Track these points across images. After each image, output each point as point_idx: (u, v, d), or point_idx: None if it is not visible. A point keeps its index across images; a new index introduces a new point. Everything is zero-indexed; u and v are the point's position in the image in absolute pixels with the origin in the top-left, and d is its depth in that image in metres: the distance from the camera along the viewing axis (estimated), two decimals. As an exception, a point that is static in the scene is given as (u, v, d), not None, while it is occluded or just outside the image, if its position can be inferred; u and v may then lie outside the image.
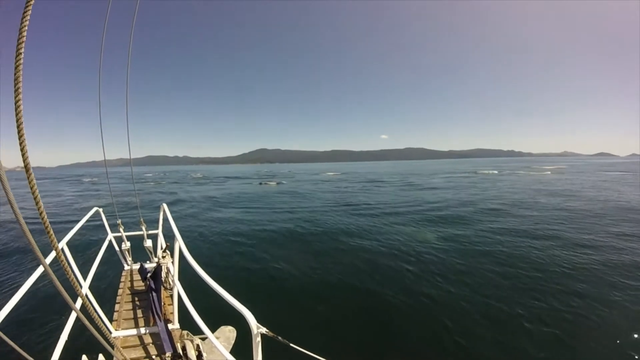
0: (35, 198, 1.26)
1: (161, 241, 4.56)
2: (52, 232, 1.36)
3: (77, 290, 1.62)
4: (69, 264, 1.59)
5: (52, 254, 2.45)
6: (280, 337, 1.89)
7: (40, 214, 1.29)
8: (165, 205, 4.60)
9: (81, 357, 2.57)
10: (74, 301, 2.89)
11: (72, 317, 2.76)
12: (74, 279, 1.58)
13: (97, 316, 1.81)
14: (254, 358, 1.99)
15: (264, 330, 1.93)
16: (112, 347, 2.05)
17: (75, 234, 3.76)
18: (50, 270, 1.43)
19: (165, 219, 4.31)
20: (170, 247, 3.93)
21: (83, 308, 3.17)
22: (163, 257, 3.94)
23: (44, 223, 1.32)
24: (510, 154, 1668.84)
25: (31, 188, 1.24)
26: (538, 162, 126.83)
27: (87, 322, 1.71)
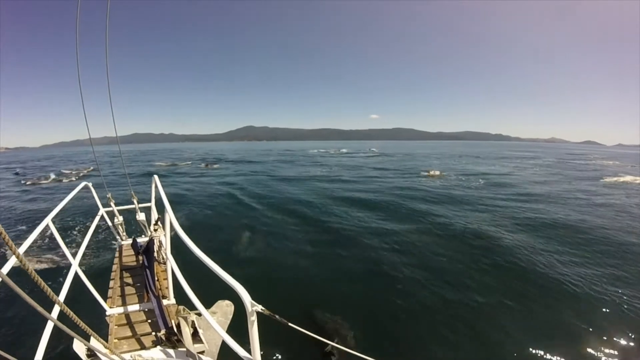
0: None
1: (154, 214, 4.39)
2: (7, 237, 1.15)
3: (51, 295, 1.43)
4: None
5: (13, 260, 2.24)
6: (277, 316, 1.76)
7: None
8: (156, 177, 4.40)
9: (73, 339, 2.43)
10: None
11: (55, 310, 2.60)
12: (44, 284, 1.38)
13: (64, 311, 1.63)
14: (250, 337, 1.88)
15: (259, 308, 1.80)
16: (98, 339, 1.89)
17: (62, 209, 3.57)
18: (10, 281, 1.22)
19: (157, 191, 4.11)
20: (162, 220, 3.76)
21: (75, 286, 3.04)
22: (155, 230, 3.78)
23: None
24: (499, 137, 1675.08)
25: None
26: (569, 149, 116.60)
27: (64, 328, 1.52)
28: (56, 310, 2.55)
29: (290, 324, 1.76)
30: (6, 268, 2.22)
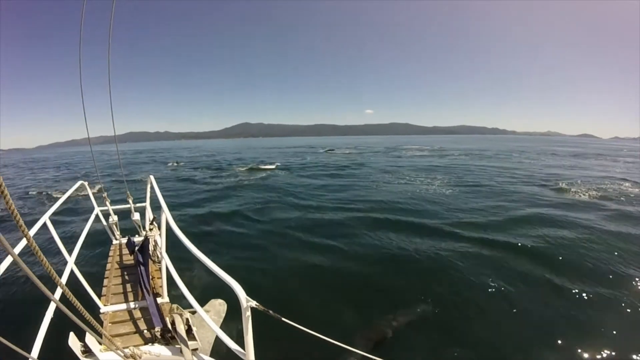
0: None
1: (149, 214, 4.43)
2: (19, 218, 1.21)
3: (56, 280, 1.48)
4: (37, 252, 1.41)
5: (23, 242, 2.28)
6: (271, 311, 1.81)
7: (7, 202, 1.14)
8: (152, 177, 4.44)
9: (69, 334, 2.47)
10: (56, 286, 2.76)
11: (58, 293, 2.64)
12: (50, 267, 1.43)
13: (72, 299, 1.67)
14: (244, 333, 1.92)
15: (253, 304, 1.85)
16: (98, 327, 1.93)
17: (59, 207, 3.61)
18: (20, 261, 1.26)
19: (153, 191, 4.16)
20: (157, 220, 3.81)
21: (70, 284, 3.07)
22: (150, 229, 3.82)
23: (10, 209, 1.17)
24: (495, 131, 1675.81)
25: None
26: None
27: (66, 310, 1.58)
28: (58, 292, 2.60)
29: (283, 319, 1.81)
30: (18, 248, 2.26)
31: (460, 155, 39.71)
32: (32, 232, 2.63)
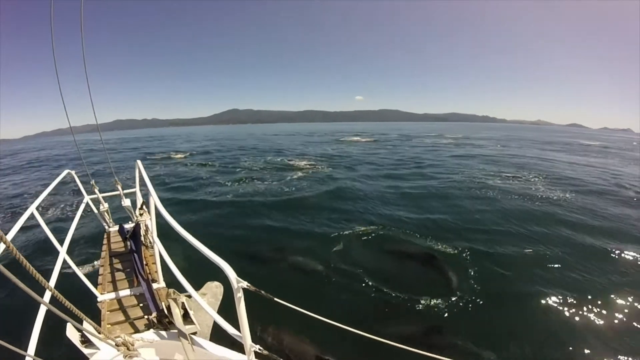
0: None
1: (139, 199, 4.36)
2: None
3: (41, 281, 1.41)
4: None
5: (1, 247, 2.18)
6: (263, 292, 1.79)
7: None
8: (139, 162, 4.33)
9: (66, 325, 2.43)
10: (49, 278, 2.67)
11: (47, 296, 2.58)
12: (35, 270, 1.38)
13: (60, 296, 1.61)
14: (238, 314, 1.91)
15: (244, 284, 1.83)
16: (88, 320, 1.89)
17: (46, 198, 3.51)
18: (4, 269, 1.21)
19: (141, 177, 4.06)
20: (146, 204, 3.74)
21: (64, 275, 3.02)
22: (141, 214, 3.76)
23: None
24: (485, 119, 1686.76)
25: None
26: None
27: (57, 311, 1.52)
28: (47, 295, 2.54)
29: (276, 299, 1.80)
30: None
31: (497, 145, 35.53)
32: (16, 228, 2.54)
